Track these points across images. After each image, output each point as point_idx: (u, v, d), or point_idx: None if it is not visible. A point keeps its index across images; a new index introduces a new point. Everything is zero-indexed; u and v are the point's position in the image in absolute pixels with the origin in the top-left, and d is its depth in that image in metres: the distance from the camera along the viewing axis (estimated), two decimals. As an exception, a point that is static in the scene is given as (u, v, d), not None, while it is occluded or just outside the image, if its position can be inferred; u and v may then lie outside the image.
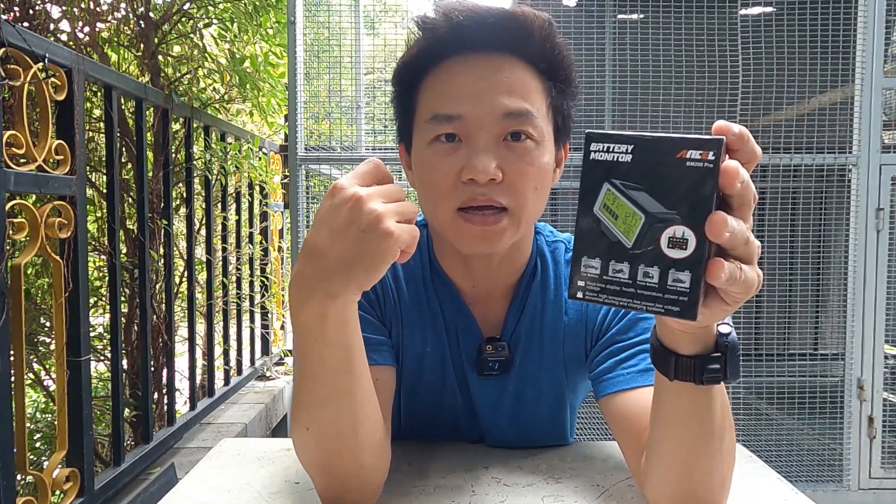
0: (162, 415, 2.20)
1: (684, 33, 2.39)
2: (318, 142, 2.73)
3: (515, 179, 0.72)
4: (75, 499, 1.52)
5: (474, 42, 0.73)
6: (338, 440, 0.64)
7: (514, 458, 0.86)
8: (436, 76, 0.75)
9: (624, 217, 0.46)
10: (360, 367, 0.63)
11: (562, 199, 2.85)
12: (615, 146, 0.45)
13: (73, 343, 1.53)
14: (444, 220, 0.74)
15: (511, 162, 0.71)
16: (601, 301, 0.47)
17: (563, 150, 0.82)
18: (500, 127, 0.72)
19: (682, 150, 0.44)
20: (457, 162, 0.72)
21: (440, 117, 0.72)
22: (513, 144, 0.72)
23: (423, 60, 0.76)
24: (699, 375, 0.56)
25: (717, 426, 0.60)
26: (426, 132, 0.74)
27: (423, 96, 0.76)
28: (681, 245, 0.44)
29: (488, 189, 0.71)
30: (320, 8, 2.66)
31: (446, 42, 0.73)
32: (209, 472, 0.83)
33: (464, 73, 0.73)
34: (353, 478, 0.67)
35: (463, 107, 0.71)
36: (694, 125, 2.39)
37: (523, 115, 0.72)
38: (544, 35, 0.73)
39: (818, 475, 2.44)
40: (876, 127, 2.34)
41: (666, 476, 0.64)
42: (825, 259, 2.74)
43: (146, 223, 1.98)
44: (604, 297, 0.47)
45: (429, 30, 0.74)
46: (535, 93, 0.74)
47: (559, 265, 0.87)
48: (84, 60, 1.56)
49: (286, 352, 3.50)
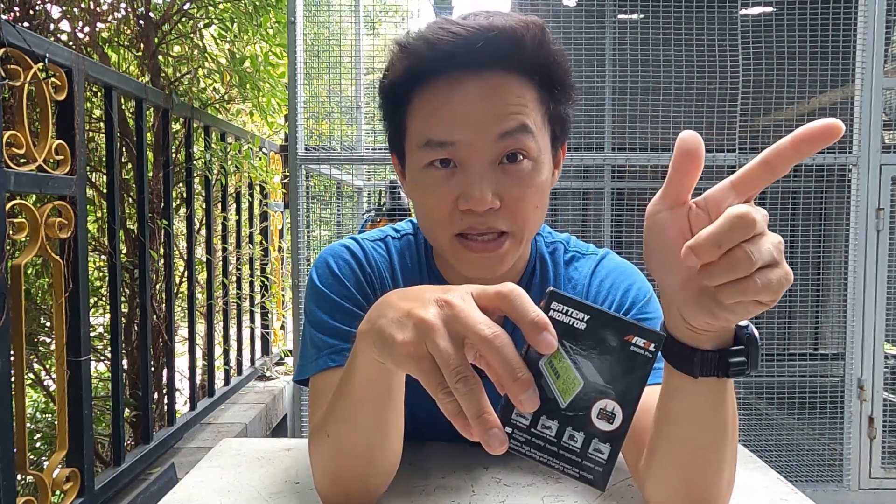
0: (162, 415, 2.20)
1: (684, 33, 2.39)
2: (318, 142, 2.73)
3: (514, 204, 0.70)
4: (75, 499, 1.52)
5: (462, 63, 0.69)
6: (351, 458, 0.66)
7: (514, 458, 0.85)
8: (425, 98, 0.71)
9: (565, 378, 0.47)
10: (391, 408, 0.63)
11: (562, 199, 2.86)
12: (574, 311, 0.47)
13: (73, 343, 1.53)
14: (444, 244, 0.74)
15: (508, 187, 0.70)
16: (523, 452, 0.49)
17: (560, 150, 0.81)
18: (496, 150, 0.70)
19: (630, 334, 0.46)
20: (453, 190, 0.70)
21: (433, 143, 0.70)
22: (509, 167, 0.70)
23: (409, 81, 0.72)
24: (725, 369, 0.55)
25: (729, 424, 0.60)
26: (419, 157, 0.72)
27: (414, 119, 0.73)
28: (609, 419, 0.47)
29: (487, 217, 0.70)
30: (320, 8, 2.66)
31: (431, 65, 0.70)
32: (209, 472, 0.83)
33: (455, 95, 0.69)
34: (356, 491, 0.69)
35: (456, 133, 0.69)
36: (694, 125, 2.38)
37: (518, 133, 0.69)
38: (537, 43, 0.70)
39: (818, 475, 2.44)
40: (876, 127, 2.34)
41: (674, 475, 0.64)
42: (825, 259, 2.74)
43: (146, 223, 1.98)
44: (526, 449, 0.49)
45: (412, 54, 0.70)
46: (529, 107, 0.71)
47: (558, 266, 0.87)
48: (84, 60, 1.56)
49: (286, 352, 3.50)
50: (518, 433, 0.49)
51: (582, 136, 2.52)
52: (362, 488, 0.68)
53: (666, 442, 0.64)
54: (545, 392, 0.48)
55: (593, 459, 0.48)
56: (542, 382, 0.48)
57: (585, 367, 0.47)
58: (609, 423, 0.47)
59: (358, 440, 0.64)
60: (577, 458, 0.48)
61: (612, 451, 0.47)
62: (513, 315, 0.46)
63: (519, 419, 0.49)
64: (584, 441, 0.48)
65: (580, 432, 0.48)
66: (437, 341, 0.46)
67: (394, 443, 0.67)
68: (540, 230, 0.89)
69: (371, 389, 0.60)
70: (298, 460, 0.85)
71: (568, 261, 0.88)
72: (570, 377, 0.47)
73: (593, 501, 0.73)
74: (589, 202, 2.82)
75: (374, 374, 0.58)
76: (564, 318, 0.47)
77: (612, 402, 0.47)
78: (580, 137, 2.52)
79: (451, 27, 0.68)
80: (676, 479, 0.64)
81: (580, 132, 2.52)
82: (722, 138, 2.37)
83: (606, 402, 0.47)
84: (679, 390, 0.59)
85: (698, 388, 0.58)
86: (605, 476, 0.48)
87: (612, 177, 2.75)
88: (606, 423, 0.47)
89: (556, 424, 0.48)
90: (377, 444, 0.65)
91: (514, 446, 0.49)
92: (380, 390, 0.60)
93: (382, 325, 0.51)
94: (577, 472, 0.48)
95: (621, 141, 2.76)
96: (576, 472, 0.48)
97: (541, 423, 0.48)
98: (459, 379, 0.45)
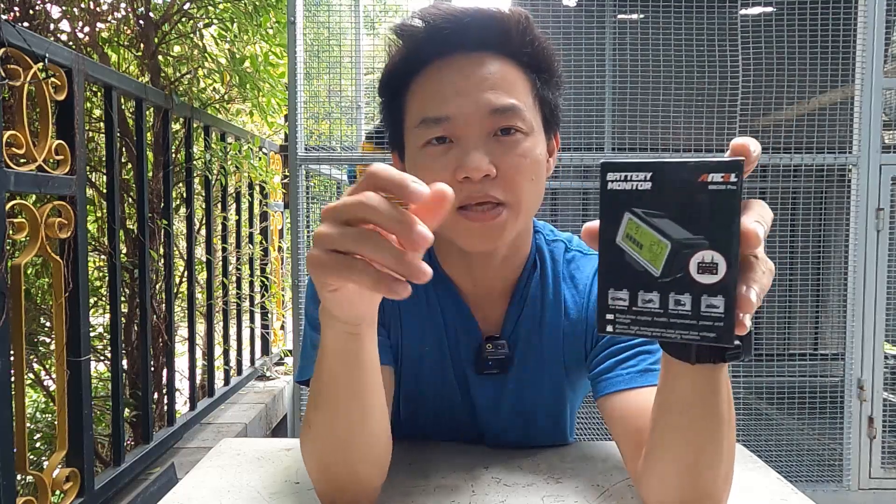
0: (162, 415, 2.20)
1: (684, 33, 2.39)
2: (318, 142, 2.73)
3: (510, 173, 0.72)
4: (75, 499, 1.52)
5: (454, 44, 0.74)
6: (332, 443, 0.65)
7: (514, 458, 0.86)
8: (420, 82, 0.76)
9: (649, 246, 0.45)
10: (363, 383, 0.62)
11: (562, 199, 2.85)
12: (633, 174, 0.45)
13: (73, 343, 1.53)
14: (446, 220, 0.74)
15: (504, 156, 0.72)
16: (633, 333, 0.47)
17: (553, 139, 0.82)
18: (489, 123, 0.72)
19: (704, 173, 0.43)
20: (450, 162, 0.72)
21: (429, 121, 0.73)
22: (503, 139, 0.73)
23: (406, 67, 0.76)
24: (721, 354, 0.56)
25: (725, 413, 0.61)
26: (417, 138, 0.75)
27: (410, 103, 0.77)
28: (711, 270, 0.44)
29: (484, 185, 0.71)
30: (320, 8, 2.65)
31: (426, 47, 0.74)
32: (209, 472, 0.83)
33: (447, 74, 0.73)
34: (347, 483, 0.68)
35: (450, 108, 0.72)
36: (694, 125, 2.39)
37: (510, 110, 0.72)
38: (522, 29, 0.74)
39: (818, 475, 2.44)
40: (876, 127, 2.34)
41: (672, 469, 0.64)
42: (825, 259, 2.74)
43: (146, 223, 1.98)
44: (635, 329, 0.46)
45: (408, 36, 0.75)
46: (519, 86, 0.75)
47: (558, 264, 0.87)
48: (84, 60, 1.56)
49: (286, 352, 3.50)
50: (620, 316, 0.47)
51: (582, 136, 2.52)
52: (352, 478, 0.67)
53: (663, 434, 0.64)
54: (633, 267, 0.45)
55: (710, 316, 0.45)
56: (627, 259, 0.45)
57: (667, 227, 0.44)
58: (713, 274, 0.44)
59: (337, 424, 0.64)
60: (691, 321, 0.45)
61: (727, 302, 0.44)
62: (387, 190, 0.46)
63: (617, 302, 0.47)
64: (693, 301, 0.45)
65: (685, 294, 0.45)
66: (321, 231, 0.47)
67: (374, 426, 0.66)
68: (541, 229, 0.89)
69: (340, 364, 0.60)
70: (298, 460, 0.85)
71: (569, 259, 0.88)
72: (653, 243, 0.45)
73: (593, 501, 0.73)
74: (589, 202, 2.82)
75: (339, 343, 0.59)
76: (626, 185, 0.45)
77: (709, 251, 0.44)
78: (580, 137, 2.51)
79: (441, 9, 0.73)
80: (674, 473, 0.64)
81: (580, 132, 2.51)
82: (722, 138, 2.37)
83: (703, 254, 0.44)
84: (677, 377, 0.60)
85: (695, 375, 0.59)
86: (729, 330, 0.45)
87: (612, 177, 2.74)
88: (710, 275, 0.44)
89: (657, 295, 0.45)
90: (357, 426, 0.64)
91: (620, 330, 0.47)
92: (350, 363, 0.60)
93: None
94: (696, 335, 0.45)
95: (621, 141, 2.76)
96: (695, 334, 0.45)
97: (640, 299, 0.46)
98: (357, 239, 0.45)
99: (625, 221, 0.46)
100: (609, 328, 0.48)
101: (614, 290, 0.47)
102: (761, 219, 0.47)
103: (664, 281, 0.45)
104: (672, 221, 0.44)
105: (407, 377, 0.86)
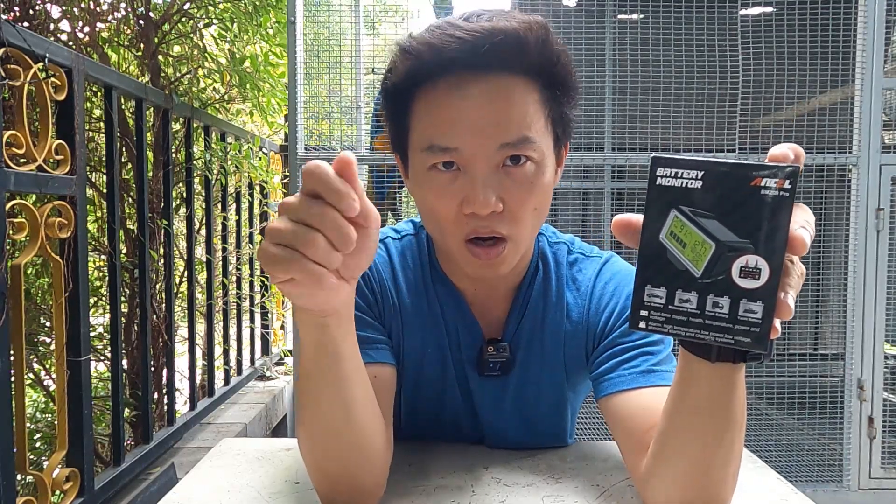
0: (162, 415, 2.20)
1: (684, 33, 2.39)
2: (318, 142, 2.73)
3: (516, 208, 0.71)
4: (75, 499, 1.52)
5: (465, 65, 0.69)
6: (322, 440, 0.66)
7: (514, 458, 0.86)
8: (427, 101, 0.72)
9: (693, 245, 0.44)
10: (341, 375, 0.62)
11: (562, 199, 2.85)
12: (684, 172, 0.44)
13: (73, 343, 1.53)
14: (453, 248, 0.75)
15: (511, 190, 0.71)
16: (666, 331, 0.46)
17: (563, 150, 0.81)
18: (499, 156, 0.70)
19: (757, 178, 0.43)
20: (457, 193, 0.71)
21: (436, 148, 0.70)
22: (512, 170, 0.71)
23: (411, 83, 0.72)
24: (742, 354, 0.55)
25: (738, 414, 0.61)
26: (423, 159, 0.73)
27: (417, 122, 0.73)
28: (753, 275, 0.44)
29: (490, 221, 0.71)
30: (320, 8, 2.66)
31: (433, 68, 0.70)
32: (209, 472, 0.83)
33: (457, 99, 0.69)
34: (342, 480, 0.68)
35: (459, 140, 0.69)
36: (694, 125, 2.39)
37: (521, 144, 0.70)
38: (541, 45, 0.70)
39: (818, 475, 2.44)
40: (876, 127, 2.34)
41: (681, 470, 0.64)
42: (825, 259, 2.74)
43: (146, 223, 1.98)
44: (669, 328, 0.46)
45: (414, 57, 0.70)
46: (533, 110, 0.71)
47: (561, 267, 0.87)
48: (84, 60, 1.56)
49: (286, 352, 3.50)
50: (655, 314, 0.46)
51: (582, 136, 2.52)
52: (345, 473, 0.67)
53: (676, 435, 0.63)
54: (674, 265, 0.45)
55: (747, 321, 0.44)
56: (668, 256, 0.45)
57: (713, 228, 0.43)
58: (755, 279, 0.43)
59: (320, 417, 0.64)
60: (727, 325, 0.45)
61: (766, 308, 0.44)
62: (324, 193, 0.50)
63: (653, 299, 0.46)
64: (731, 305, 0.44)
65: (724, 297, 0.44)
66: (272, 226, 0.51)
67: (360, 418, 0.66)
68: (543, 231, 0.89)
69: (316, 355, 0.61)
70: (298, 460, 0.85)
71: (572, 262, 0.87)
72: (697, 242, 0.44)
73: (593, 501, 0.73)
74: (589, 202, 2.82)
75: (312, 335, 0.60)
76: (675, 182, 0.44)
77: (753, 256, 0.43)
78: (580, 137, 2.51)
79: (454, 31, 0.68)
80: (684, 474, 0.64)
81: (580, 132, 2.51)
82: (722, 138, 2.37)
83: (747, 259, 0.43)
84: (695, 376, 0.59)
85: (713, 374, 0.58)
86: (764, 337, 0.44)
87: (612, 177, 2.75)
88: (752, 280, 0.44)
89: (695, 295, 0.45)
90: (340, 419, 0.64)
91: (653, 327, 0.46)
92: (325, 353, 0.61)
93: None
94: (731, 339, 0.45)
95: (621, 141, 2.76)
96: (729, 338, 0.45)
97: (678, 298, 0.45)
98: (298, 237, 0.49)
99: (670, 218, 0.45)
100: (642, 324, 0.48)
101: (652, 286, 0.47)
102: (807, 224, 0.46)
103: (704, 282, 0.45)
104: (719, 223, 0.44)
105: (408, 378, 0.86)
